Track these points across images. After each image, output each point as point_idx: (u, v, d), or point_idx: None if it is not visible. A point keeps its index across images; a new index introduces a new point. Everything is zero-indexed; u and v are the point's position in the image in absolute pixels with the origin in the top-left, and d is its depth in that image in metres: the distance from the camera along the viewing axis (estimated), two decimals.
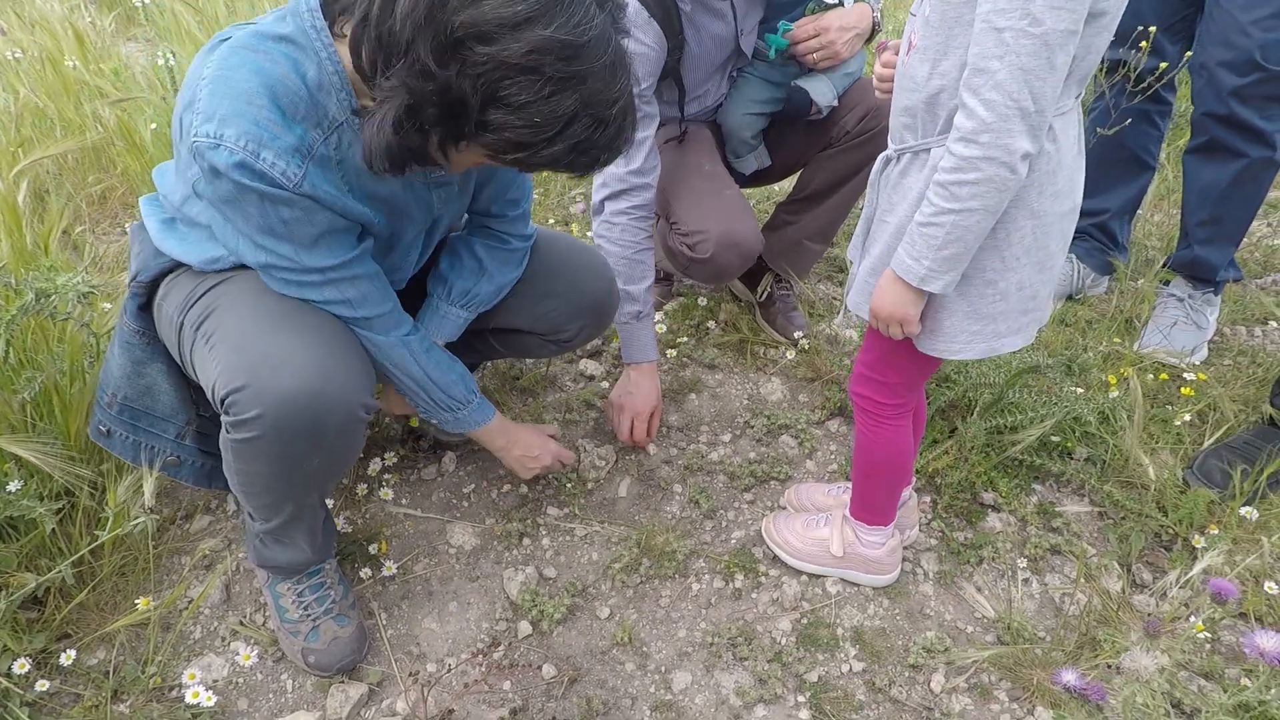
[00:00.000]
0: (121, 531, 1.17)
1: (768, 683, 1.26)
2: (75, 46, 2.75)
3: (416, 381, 1.23)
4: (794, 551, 1.44)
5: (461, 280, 1.32)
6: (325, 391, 1.01)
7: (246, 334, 1.03)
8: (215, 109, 0.93)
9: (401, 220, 1.17)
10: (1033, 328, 1.11)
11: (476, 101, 0.86)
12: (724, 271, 1.73)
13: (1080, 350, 1.75)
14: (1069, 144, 0.99)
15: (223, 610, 1.36)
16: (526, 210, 1.36)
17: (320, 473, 1.12)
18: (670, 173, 1.73)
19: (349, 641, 1.26)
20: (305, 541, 1.24)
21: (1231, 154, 1.80)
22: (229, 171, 0.93)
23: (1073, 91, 0.96)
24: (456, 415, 1.31)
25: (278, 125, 0.95)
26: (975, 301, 1.03)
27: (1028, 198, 0.97)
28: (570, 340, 1.46)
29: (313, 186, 0.99)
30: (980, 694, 1.26)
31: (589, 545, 1.50)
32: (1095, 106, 2.03)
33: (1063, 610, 1.39)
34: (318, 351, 1.02)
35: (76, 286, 1.22)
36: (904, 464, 1.31)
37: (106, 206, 2.42)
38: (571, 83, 0.87)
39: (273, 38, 0.96)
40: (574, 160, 0.94)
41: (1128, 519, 1.54)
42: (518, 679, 1.27)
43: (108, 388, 1.24)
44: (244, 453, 1.05)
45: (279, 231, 1.01)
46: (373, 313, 1.13)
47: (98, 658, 1.27)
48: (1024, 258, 1.01)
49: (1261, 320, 2.12)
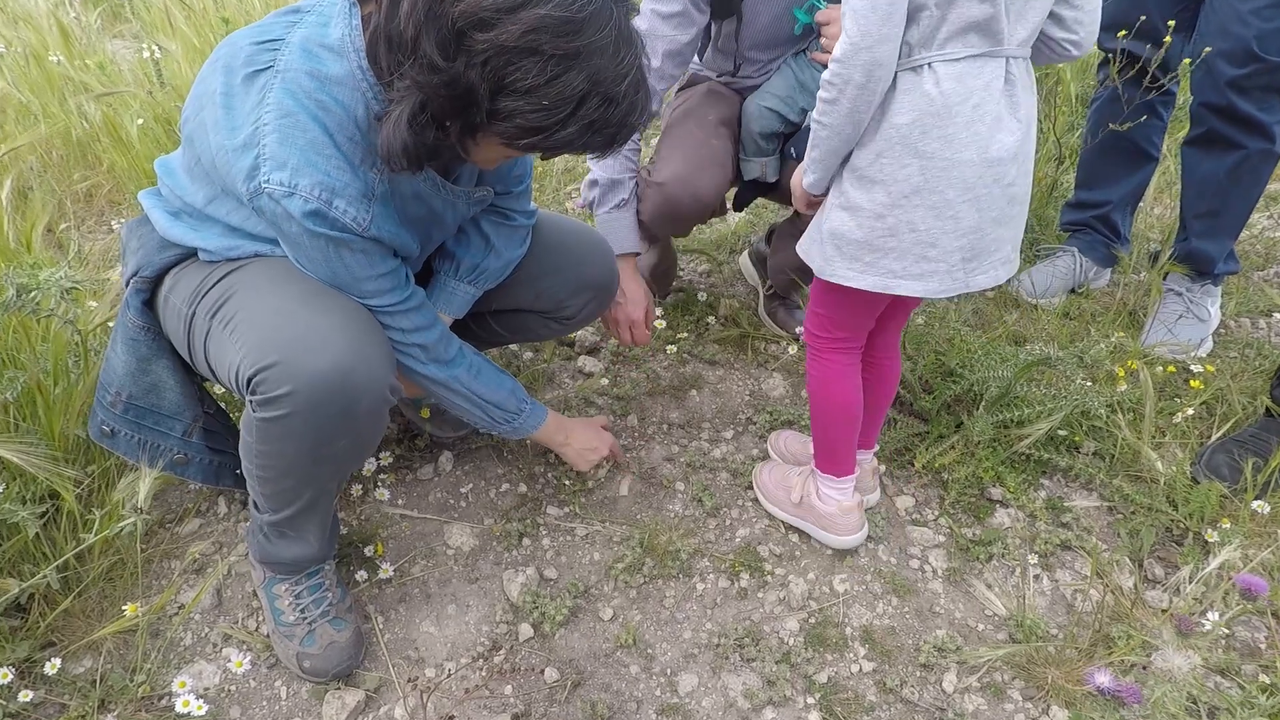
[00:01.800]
0: (110, 533, 1.13)
1: (776, 684, 1.23)
2: (60, 42, 2.70)
3: (472, 404, 1.27)
4: (768, 494, 1.53)
5: (470, 257, 1.32)
6: (358, 369, 1.01)
7: (276, 313, 1.02)
8: (286, 158, 0.94)
9: (437, 231, 1.22)
10: (936, 280, 1.13)
11: (485, 90, 0.87)
12: (671, 207, 1.63)
13: (1093, 343, 1.72)
14: (964, 93, 1.04)
15: (214, 615, 1.32)
16: (528, 187, 1.35)
17: (344, 455, 1.10)
18: (679, 111, 1.71)
19: (346, 646, 1.22)
20: (315, 535, 1.21)
21: (1229, 145, 1.78)
22: (302, 219, 0.97)
23: (967, 42, 1.02)
24: (513, 425, 1.34)
25: (347, 174, 0.98)
26: (868, 233, 1.12)
27: (910, 136, 1.05)
28: (572, 318, 1.46)
29: (378, 229, 1.03)
30: (994, 693, 1.23)
31: (590, 545, 1.47)
32: (1098, 97, 2.01)
33: (1075, 607, 1.36)
34: (350, 331, 1.02)
35: (59, 282, 1.17)
36: (841, 406, 1.35)
37: (92, 204, 2.37)
38: (575, 61, 0.86)
39: (324, 79, 0.96)
40: (590, 140, 0.94)
41: (1138, 514, 1.51)
42: (519, 683, 1.23)
43: (110, 386, 1.21)
44: (271, 433, 1.03)
45: (341, 275, 1.05)
46: (425, 340, 1.17)
47: (84, 666, 1.23)
48: (914, 198, 1.08)
49: (1266, 312, 2.11)
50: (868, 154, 1.10)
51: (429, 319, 1.18)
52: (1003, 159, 1.08)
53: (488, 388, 1.27)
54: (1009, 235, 1.16)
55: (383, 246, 1.07)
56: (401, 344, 1.14)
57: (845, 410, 1.36)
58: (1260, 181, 1.83)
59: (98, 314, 1.47)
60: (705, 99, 1.72)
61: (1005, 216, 1.13)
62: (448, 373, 1.22)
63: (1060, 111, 2.65)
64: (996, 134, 1.06)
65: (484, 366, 1.28)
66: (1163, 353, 1.85)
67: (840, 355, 1.33)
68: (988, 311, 2.07)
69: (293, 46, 0.95)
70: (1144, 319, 1.98)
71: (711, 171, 1.64)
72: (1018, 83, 1.07)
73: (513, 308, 1.43)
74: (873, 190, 1.11)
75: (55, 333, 1.38)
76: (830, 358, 1.33)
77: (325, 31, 0.96)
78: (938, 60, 1.03)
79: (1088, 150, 2.09)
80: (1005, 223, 1.14)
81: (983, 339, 1.81)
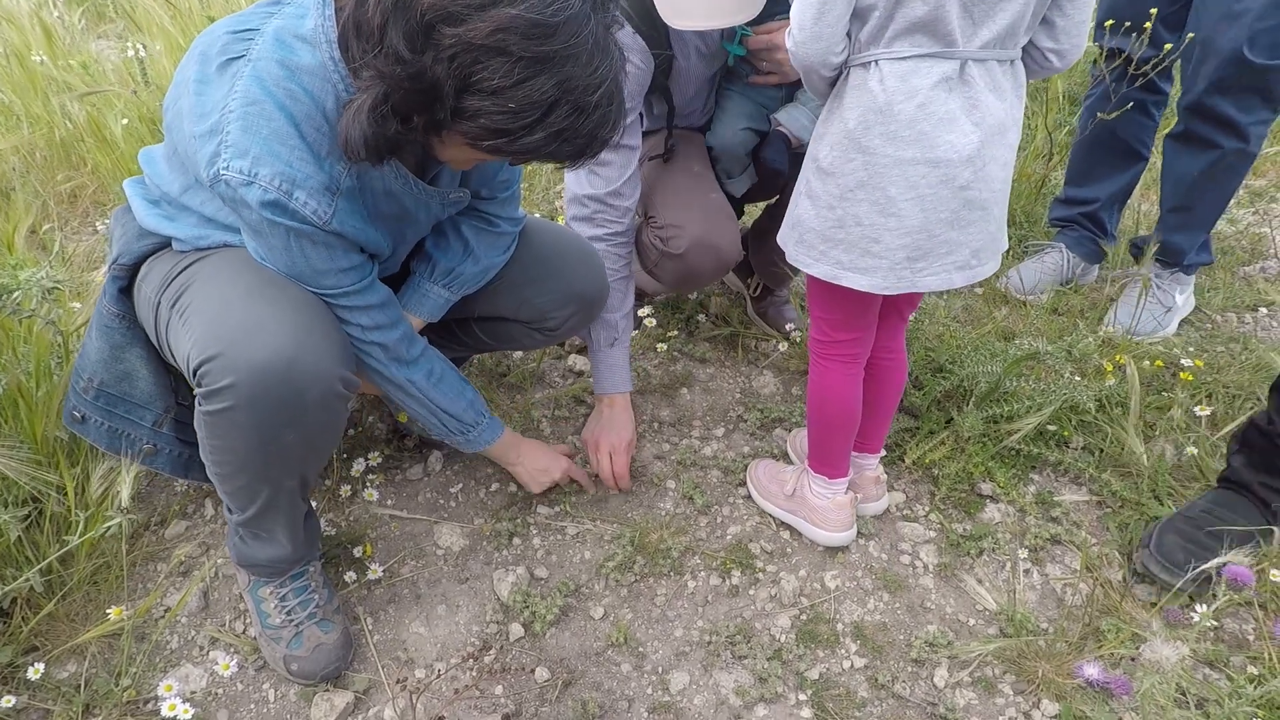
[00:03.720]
0: (95, 534, 1.11)
1: (768, 681, 1.23)
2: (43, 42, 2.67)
3: (428, 410, 1.25)
4: (761, 488, 1.53)
5: (446, 259, 1.28)
6: (301, 359, 0.98)
7: (222, 304, 1.00)
8: (248, 146, 0.92)
9: (410, 230, 1.19)
10: (879, 276, 1.14)
11: (451, 87, 0.85)
12: (694, 274, 1.62)
13: (1080, 336, 1.73)
14: (909, 92, 1.05)
15: (201, 618, 1.31)
16: (516, 192, 1.32)
17: (298, 451, 1.07)
18: (655, 172, 1.67)
19: (333, 648, 1.21)
20: (285, 535, 1.18)
21: (1205, 144, 1.79)
22: (260, 209, 0.95)
23: (914, 42, 1.04)
24: (467, 437, 1.32)
25: (310, 165, 0.96)
26: (821, 222, 1.16)
27: (855, 131, 1.09)
28: (556, 330, 1.42)
29: (341, 224, 1.01)
30: (985, 688, 1.23)
31: (581, 544, 1.46)
32: (1091, 94, 2.02)
33: (1064, 601, 1.37)
34: (295, 321, 0.99)
35: (40, 282, 1.16)
36: (837, 408, 1.35)
37: (77, 205, 2.35)
38: (545, 65, 0.84)
39: (294, 68, 0.94)
40: (557, 150, 0.92)
41: (1126, 507, 1.52)
42: (510, 683, 1.22)
43: (84, 373, 1.20)
44: (217, 426, 1.01)
45: (300, 267, 1.03)
46: (385, 339, 1.14)
47: (68, 671, 1.21)
48: (859, 192, 1.11)
49: (1251, 307, 2.12)
50: (824, 145, 1.14)
51: (391, 318, 1.15)
52: (951, 160, 1.07)
53: (446, 397, 1.25)
54: (967, 240, 1.13)
55: (346, 241, 1.04)
56: (360, 341, 1.12)
57: (841, 417, 1.36)
58: (1235, 180, 1.85)
59: (81, 315, 1.46)
60: (676, 146, 1.69)
61: (960, 220, 1.11)
62: (405, 374, 1.19)
63: (1050, 109, 2.66)
64: (945, 134, 1.06)
65: (446, 374, 1.26)
66: (1116, 331, 1.89)
67: (841, 364, 1.32)
68: (977, 307, 2.07)
69: (267, 36, 0.94)
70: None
71: (726, 227, 1.60)
72: (978, 85, 1.06)
73: (495, 315, 1.40)
74: (827, 181, 1.14)
75: (37, 334, 1.36)
76: (831, 365, 1.32)
77: (300, 22, 0.95)
78: (884, 58, 1.05)
79: (1078, 146, 2.10)
80: (961, 226, 1.12)
81: (972, 335, 1.82)
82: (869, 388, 1.41)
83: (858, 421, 1.37)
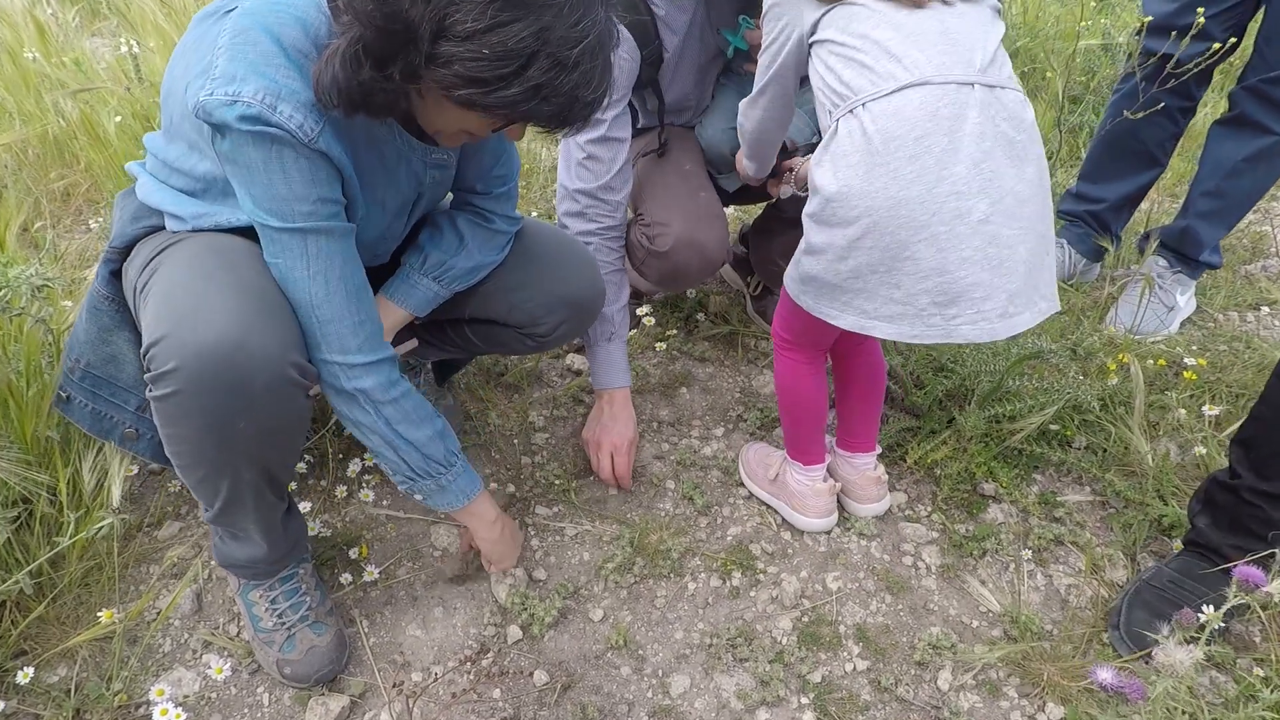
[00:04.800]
0: (86, 535, 1.09)
1: (770, 684, 1.21)
2: (36, 39, 2.65)
3: (381, 438, 1.08)
4: (749, 471, 1.55)
5: (438, 252, 1.25)
6: (245, 343, 0.92)
7: (175, 287, 0.97)
8: (233, 71, 0.89)
9: (390, 193, 1.13)
10: (908, 324, 1.07)
11: (426, 30, 0.83)
12: (680, 272, 1.60)
13: (1085, 334, 1.72)
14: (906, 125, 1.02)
15: (194, 621, 1.29)
16: (512, 189, 1.30)
17: (254, 442, 1.00)
18: (647, 169, 1.65)
19: (327, 650, 1.19)
20: (259, 534, 1.14)
21: (1258, 130, 1.78)
22: (240, 123, 0.89)
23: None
24: (439, 482, 1.14)
25: (297, 82, 0.91)
26: (834, 275, 1.12)
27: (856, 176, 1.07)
28: (547, 336, 1.36)
29: (327, 145, 0.95)
30: (989, 691, 1.22)
31: (580, 545, 1.44)
32: (1120, 89, 1.99)
33: (1069, 602, 1.35)
34: (242, 303, 0.94)
35: (29, 279, 1.14)
36: (802, 396, 1.38)
37: (70, 203, 2.33)
38: (523, 11, 0.82)
39: (285, 3, 0.92)
40: (535, 108, 0.89)
41: (1129, 507, 1.50)
42: (508, 687, 1.21)
43: (72, 353, 1.17)
44: (166, 413, 0.97)
45: (278, 187, 0.95)
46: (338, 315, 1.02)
47: (58, 675, 1.19)
48: (866, 239, 1.06)
49: (1254, 306, 2.11)
50: (817, 200, 1.10)
51: (360, 297, 1.04)
52: (961, 193, 1.00)
53: (406, 421, 1.08)
54: (1002, 284, 1.03)
55: (330, 166, 0.97)
56: (317, 321, 1.01)
57: (809, 403, 1.38)
58: (1274, 172, 1.83)
59: (72, 314, 1.44)
60: (668, 143, 1.67)
61: (987, 259, 1.02)
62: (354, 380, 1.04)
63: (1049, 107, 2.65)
64: (946, 165, 1.00)
65: (411, 393, 1.10)
66: (1119, 330, 1.88)
67: (801, 352, 1.35)
68: None
69: None
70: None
71: (714, 226, 1.58)
72: (981, 112, 1.01)
73: (486, 318, 1.35)
74: (830, 233, 1.09)
75: (28, 332, 1.34)
76: (792, 355, 1.36)
77: None
78: (870, 100, 1.03)
79: (1098, 142, 2.08)
80: (990, 267, 1.02)
81: None
82: (845, 387, 1.42)
83: (824, 409, 1.40)
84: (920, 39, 1.04)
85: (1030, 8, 3.39)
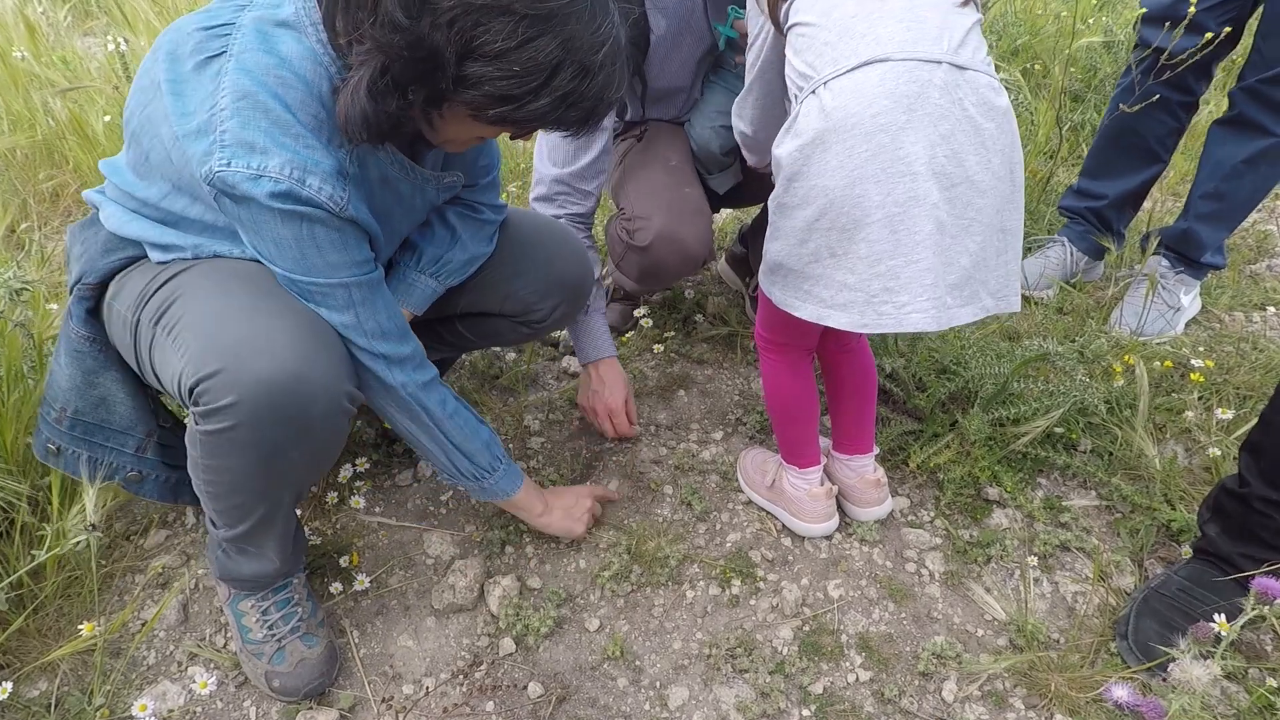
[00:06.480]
0: (61, 551, 1.06)
1: (770, 696, 1.18)
2: (26, 38, 2.61)
3: (439, 446, 1.14)
4: (746, 477, 1.52)
5: (433, 247, 1.23)
6: (309, 376, 0.93)
7: (218, 318, 0.94)
8: (251, 140, 0.87)
9: (405, 222, 1.15)
10: (856, 311, 1.04)
11: (452, 54, 0.81)
12: (659, 268, 1.55)
13: (1093, 336, 1.69)
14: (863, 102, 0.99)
15: (179, 633, 1.25)
16: (496, 178, 1.28)
17: (299, 468, 1.03)
18: (630, 160, 1.61)
19: (317, 663, 1.16)
20: (274, 551, 1.14)
21: (1256, 130, 1.75)
22: (270, 200, 0.88)
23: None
24: (482, 484, 1.22)
25: (318, 150, 0.90)
26: (795, 260, 1.10)
27: (810, 157, 1.03)
28: (543, 322, 1.37)
29: (355, 210, 0.96)
30: (995, 702, 1.19)
31: (575, 552, 1.41)
32: (1121, 83, 1.96)
33: (1076, 610, 1.32)
34: (298, 335, 0.94)
35: (8, 282, 1.11)
36: (789, 398, 1.36)
37: (58, 204, 2.29)
38: (549, 24, 0.80)
39: (282, 56, 0.89)
40: (563, 115, 0.88)
41: (1137, 512, 1.47)
42: (502, 700, 1.18)
43: (55, 402, 1.13)
44: (216, 447, 0.96)
45: (313, 261, 0.96)
46: (391, 351, 1.05)
47: (39, 689, 1.16)
48: (823, 220, 1.04)
49: (1259, 306, 2.08)
50: (781, 181, 1.08)
51: (400, 326, 1.08)
52: (917, 174, 0.96)
53: (460, 432, 1.14)
54: (943, 273, 1.00)
55: (358, 230, 0.98)
56: (367, 353, 1.03)
57: (797, 404, 1.36)
58: (1275, 174, 1.80)
59: (57, 317, 1.41)
60: (654, 137, 1.64)
61: (936, 246, 0.99)
62: (415, 398, 1.09)
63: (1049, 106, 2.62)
64: (903, 144, 0.96)
65: (460, 408, 1.16)
66: (1123, 331, 1.86)
67: (785, 354, 1.33)
68: None
69: (245, 28, 0.89)
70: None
71: (695, 222, 1.54)
72: (945, 93, 0.97)
73: (480, 311, 1.35)
74: (791, 215, 1.07)
75: (9, 337, 1.31)
76: (777, 355, 1.33)
77: (277, 10, 0.90)
78: (831, 78, 1.00)
79: (1100, 137, 2.05)
80: (937, 253, 0.99)
81: (976, 335, 1.77)
82: (836, 389, 1.40)
83: (814, 410, 1.37)
84: (885, 16, 1.01)
85: (1031, 4, 3.36)
